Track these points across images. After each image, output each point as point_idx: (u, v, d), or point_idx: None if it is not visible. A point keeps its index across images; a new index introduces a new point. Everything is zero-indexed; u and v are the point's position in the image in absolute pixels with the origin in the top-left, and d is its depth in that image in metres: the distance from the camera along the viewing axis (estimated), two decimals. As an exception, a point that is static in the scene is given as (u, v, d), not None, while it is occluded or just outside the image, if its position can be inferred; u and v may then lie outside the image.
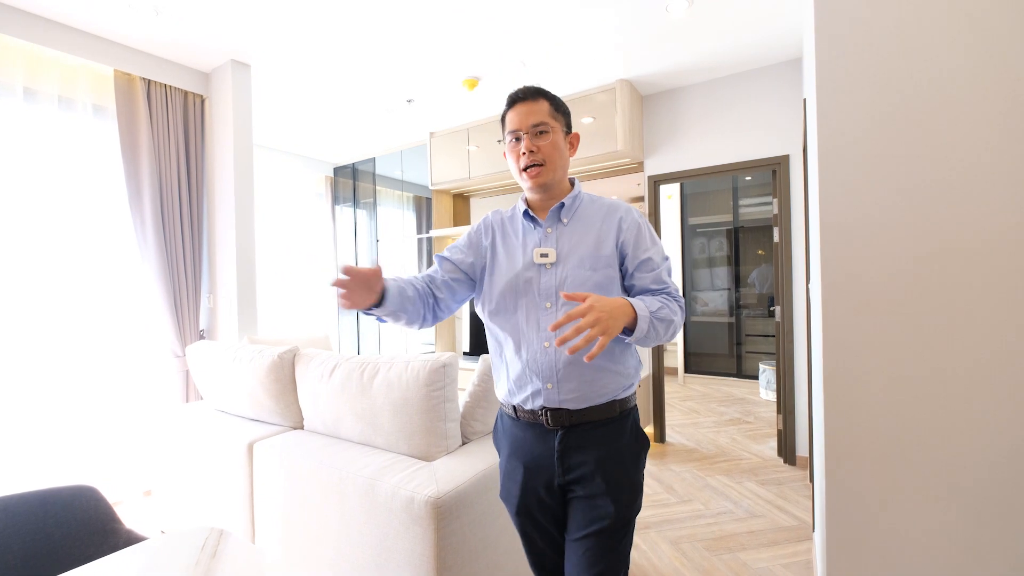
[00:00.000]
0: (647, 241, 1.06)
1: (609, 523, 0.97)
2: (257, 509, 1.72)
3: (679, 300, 1.03)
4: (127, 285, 2.62)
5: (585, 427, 1.02)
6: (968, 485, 1.04)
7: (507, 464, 1.11)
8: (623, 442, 1.03)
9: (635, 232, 1.06)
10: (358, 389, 1.63)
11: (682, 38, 2.57)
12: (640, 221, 1.08)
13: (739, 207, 5.17)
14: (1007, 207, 1.01)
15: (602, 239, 1.06)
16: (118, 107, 2.48)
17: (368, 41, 2.53)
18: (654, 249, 1.06)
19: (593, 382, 1.01)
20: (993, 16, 1.01)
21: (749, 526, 2.18)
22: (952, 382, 1.05)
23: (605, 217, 1.08)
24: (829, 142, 1.17)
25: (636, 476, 1.04)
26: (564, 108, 1.11)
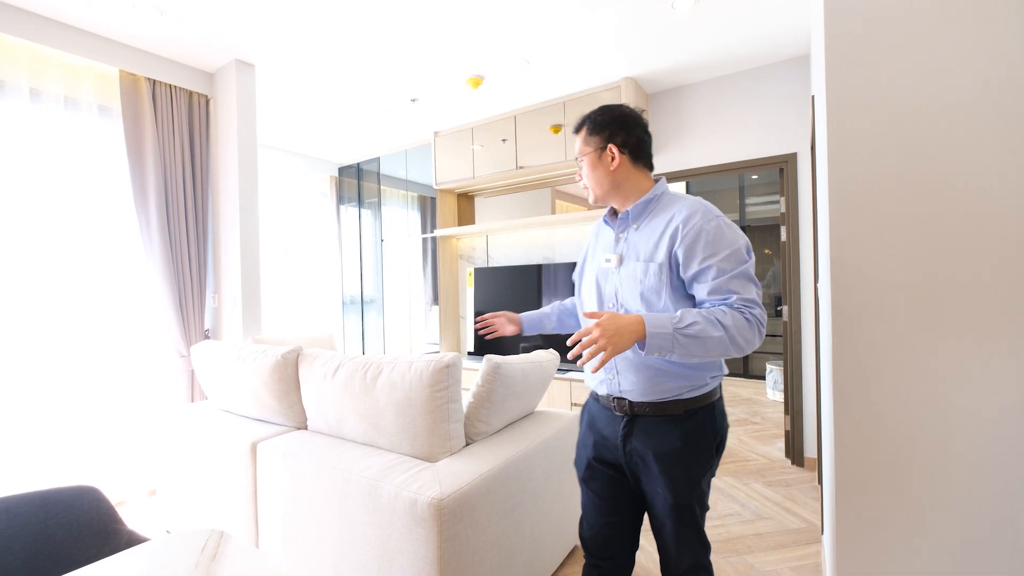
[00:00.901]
0: (704, 250, 1.01)
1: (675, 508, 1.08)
2: (261, 509, 1.72)
3: (744, 311, 0.96)
4: (132, 285, 2.62)
5: (648, 419, 1.10)
6: (981, 487, 1.01)
7: (583, 435, 1.26)
8: (684, 438, 1.07)
9: (691, 240, 1.03)
10: (361, 389, 1.62)
11: (687, 35, 2.54)
12: (703, 227, 1.03)
13: (746, 206, 5.13)
14: (1019, 202, 0.98)
15: (658, 248, 1.08)
16: (123, 107, 2.49)
17: (372, 40, 2.52)
18: (715, 258, 1.01)
19: (653, 379, 1.08)
20: (1007, 10, 0.98)
21: (756, 528, 2.15)
22: (965, 383, 1.02)
23: (668, 223, 1.08)
24: (838, 139, 1.14)
25: (699, 472, 1.09)
26: (599, 125, 1.17)
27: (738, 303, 0.98)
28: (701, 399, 1.09)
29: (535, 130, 3.43)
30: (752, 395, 4.55)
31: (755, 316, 0.97)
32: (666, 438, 1.08)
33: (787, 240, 2.89)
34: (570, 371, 3.37)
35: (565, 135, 3.30)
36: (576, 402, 3.26)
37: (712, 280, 1.00)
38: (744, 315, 0.96)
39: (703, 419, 1.09)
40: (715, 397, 1.13)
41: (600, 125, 1.17)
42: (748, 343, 0.97)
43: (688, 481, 1.08)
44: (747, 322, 0.96)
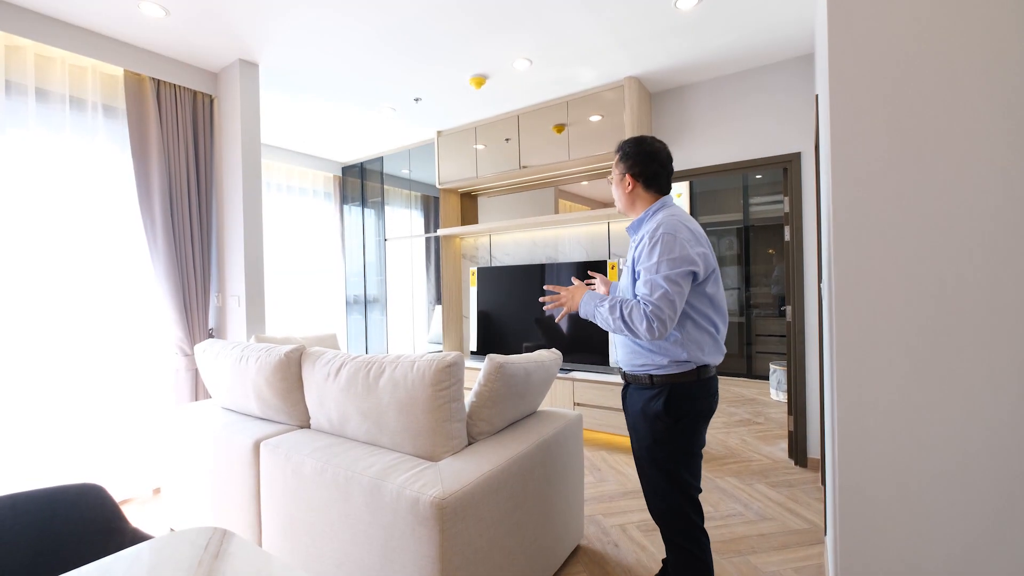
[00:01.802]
0: (644, 258, 1.34)
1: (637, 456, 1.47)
2: (264, 507, 1.73)
3: (640, 307, 1.29)
4: (137, 284, 2.64)
5: (631, 385, 1.48)
6: (985, 489, 1.00)
7: None
8: (651, 406, 1.39)
9: (643, 250, 1.35)
10: (364, 388, 1.62)
11: (691, 34, 2.53)
12: (652, 240, 1.33)
13: (749, 205, 5.11)
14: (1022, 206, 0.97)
15: (633, 250, 1.43)
16: (128, 107, 2.50)
17: (376, 40, 2.53)
18: (645, 265, 1.33)
19: (631, 356, 1.44)
20: (1012, 9, 0.98)
21: (759, 529, 2.15)
22: (969, 384, 1.02)
23: (645, 233, 1.38)
24: (842, 138, 1.14)
25: (647, 431, 1.41)
26: (626, 155, 1.49)
27: (641, 302, 1.31)
28: (667, 377, 1.37)
29: (538, 129, 3.43)
30: (756, 395, 4.54)
31: (647, 311, 1.28)
32: (635, 401, 1.45)
33: (791, 240, 2.88)
34: (573, 371, 3.37)
35: (568, 134, 3.29)
36: (579, 401, 3.26)
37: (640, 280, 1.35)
38: (640, 310, 1.29)
39: (664, 393, 1.37)
40: (683, 379, 1.37)
41: (626, 155, 1.49)
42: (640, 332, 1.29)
43: (639, 439, 1.44)
44: (643, 315, 1.28)
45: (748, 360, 5.11)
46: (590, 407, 3.19)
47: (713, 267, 1.38)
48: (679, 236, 1.30)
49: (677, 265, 1.28)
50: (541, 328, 3.63)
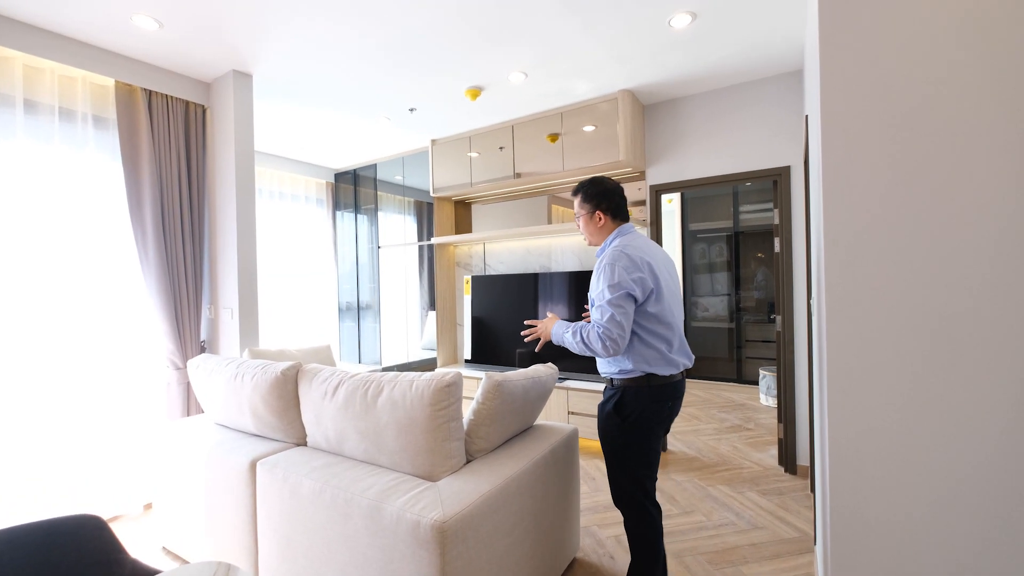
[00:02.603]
0: (593, 286, 1.59)
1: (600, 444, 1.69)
2: (260, 528, 1.72)
3: (595, 330, 1.51)
4: (128, 296, 2.61)
5: (606, 387, 1.69)
6: (975, 498, 1.04)
7: None
8: (607, 404, 1.64)
9: (595, 276, 1.59)
10: (362, 407, 1.63)
11: (684, 50, 2.57)
12: (599, 269, 1.57)
13: (739, 213, 5.18)
14: (1012, 222, 1.01)
15: None
16: (119, 118, 2.47)
17: (372, 52, 2.53)
18: (596, 291, 1.56)
19: (600, 365, 1.69)
20: (1001, 28, 1.01)
21: (751, 538, 2.19)
22: (960, 397, 1.05)
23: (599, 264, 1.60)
24: (833, 157, 1.17)
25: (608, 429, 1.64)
26: (590, 194, 1.71)
27: (595, 326, 1.52)
28: (621, 382, 1.61)
29: (532, 139, 3.45)
30: (745, 400, 4.60)
31: (600, 332, 1.50)
32: (602, 399, 1.69)
33: (781, 251, 2.93)
34: (567, 380, 3.39)
35: (562, 144, 3.32)
36: (573, 411, 3.28)
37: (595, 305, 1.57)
38: (595, 330, 1.51)
39: (617, 395, 1.61)
40: (636, 385, 1.58)
41: (591, 196, 1.70)
42: (599, 350, 1.51)
43: (600, 428, 1.68)
44: (597, 336, 1.50)
45: (738, 365, 5.18)
46: (584, 416, 3.22)
47: (651, 288, 1.54)
48: (617, 265, 1.52)
49: (616, 290, 1.50)
50: (535, 336, 3.65)
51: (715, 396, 4.78)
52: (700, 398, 4.73)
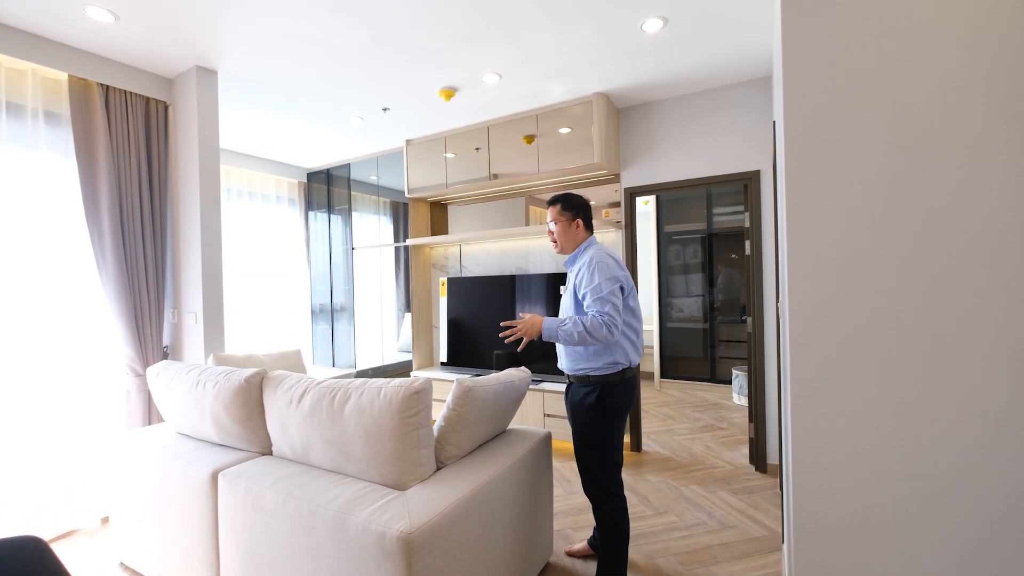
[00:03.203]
0: (587, 283, 1.74)
1: (575, 441, 1.86)
2: (222, 541, 1.66)
3: (598, 318, 1.66)
4: (85, 301, 2.49)
5: (575, 384, 1.86)
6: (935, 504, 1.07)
7: None
8: (587, 399, 1.79)
9: (581, 277, 1.77)
10: (328, 416, 1.59)
11: (657, 55, 2.59)
12: (588, 270, 1.75)
13: (713, 215, 5.27)
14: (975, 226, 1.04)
15: (574, 278, 1.83)
16: (73, 114, 2.36)
17: (341, 52, 2.47)
18: (588, 288, 1.72)
19: (574, 362, 1.82)
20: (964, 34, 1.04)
21: (722, 538, 2.22)
22: (920, 405, 1.08)
23: (581, 264, 1.81)
24: (795, 162, 1.19)
25: (590, 422, 1.79)
26: (571, 204, 1.90)
27: (591, 315, 1.68)
28: (602, 377, 1.77)
29: (508, 140, 3.44)
30: (719, 400, 4.68)
31: (604, 320, 1.65)
32: (575, 395, 1.84)
33: (751, 254, 2.99)
34: (543, 382, 3.39)
35: (538, 146, 3.31)
36: (549, 413, 3.29)
37: (587, 300, 1.72)
38: (598, 319, 1.65)
39: (598, 389, 1.77)
40: (614, 379, 1.77)
41: (571, 206, 1.90)
42: (601, 337, 1.65)
43: (578, 425, 1.83)
44: (601, 323, 1.64)
45: (712, 364, 5.27)
46: (561, 418, 3.22)
47: (631, 286, 1.81)
48: (606, 263, 1.74)
49: (612, 283, 1.71)
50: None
51: (690, 396, 4.85)
52: (675, 398, 4.79)
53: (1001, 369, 1.01)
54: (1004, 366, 1.01)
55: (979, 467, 1.03)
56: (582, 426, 1.80)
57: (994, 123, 1.01)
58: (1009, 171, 1.00)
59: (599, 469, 1.79)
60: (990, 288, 1.02)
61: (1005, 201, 1.00)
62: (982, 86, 1.02)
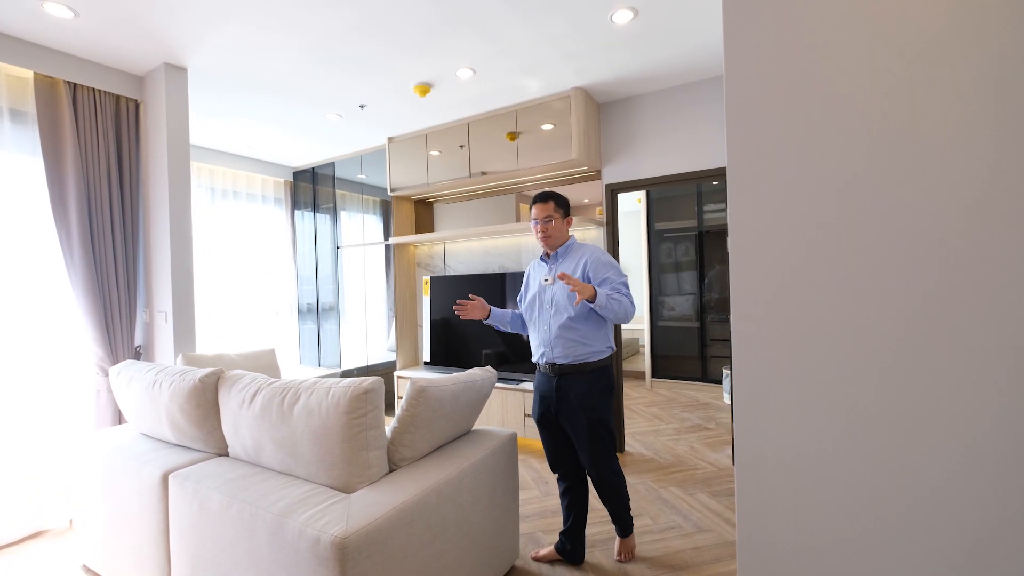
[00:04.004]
0: (603, 269, 1.91)
1: (590, 427, 1.89)
2: (173, 545, 1.63)
3: (629, 297, 1.86)
4: (55, 300, 2.47)
5: (569, 375, 1.92)
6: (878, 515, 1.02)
7: (535, 399, 2.04)
8: (597, 385, 1.91)
9: (594, 265, 1.93)
10: (278, 416, 1.55)
11: (631, 48, 2.54)
12: (600, 258, 1.95)
13: (703, 212, 5.20)
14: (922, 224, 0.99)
15: (575, 269, 1.95)
16: (39, 113, 2.34)
17: (312, 47, 2.44)
18: (610, 272, 1.91)
19: (571, 349, 1.91)
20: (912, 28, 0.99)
21: (695, 542, 2.17)
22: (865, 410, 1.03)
23: (580, 257, 1.97)
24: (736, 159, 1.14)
25: (600, 404, 1.91)
26: (562, 201, 2.03)
27: (625, 292, 1.86)
28: (599, 362, 1.92)
29: (491, 137, 3.39)
30: (710, 399, 4.62)
31: (631, 298, 1.86)
32: (581, 386, 1.90)
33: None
34: (523, 382, 3.34)
35: (521, 142, 3.26)
36: (529, 413, 3.24)
37: (610, 283, 1.88)
38: (628, 299, 1.85)
39: (601, 373, 1.92)
40: (607, 363, 1.95)
41: (563, 203, 2.03)
42: (630, 311, 1.85)
43: (593, 408, 1.89)
44: (629, 300, 1.85)
45: (703, 363, 5.20)
46: (540, 418, 3.17)
47: None
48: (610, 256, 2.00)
49: (623, 272, 1.96)
50: (500, 336, 3.59)
51: (680, 395, 4.79)
52: (665, 397, 4.73)
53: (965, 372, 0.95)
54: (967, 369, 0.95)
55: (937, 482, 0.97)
56: (597, 411, 1.89)
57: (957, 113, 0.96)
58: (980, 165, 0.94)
59: (607, 438, 1.93)
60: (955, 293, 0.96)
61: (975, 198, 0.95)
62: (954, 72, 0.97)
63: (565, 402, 1.90)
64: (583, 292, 1.73)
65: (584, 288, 1.73)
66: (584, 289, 1.73)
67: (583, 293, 1.73)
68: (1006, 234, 0.95)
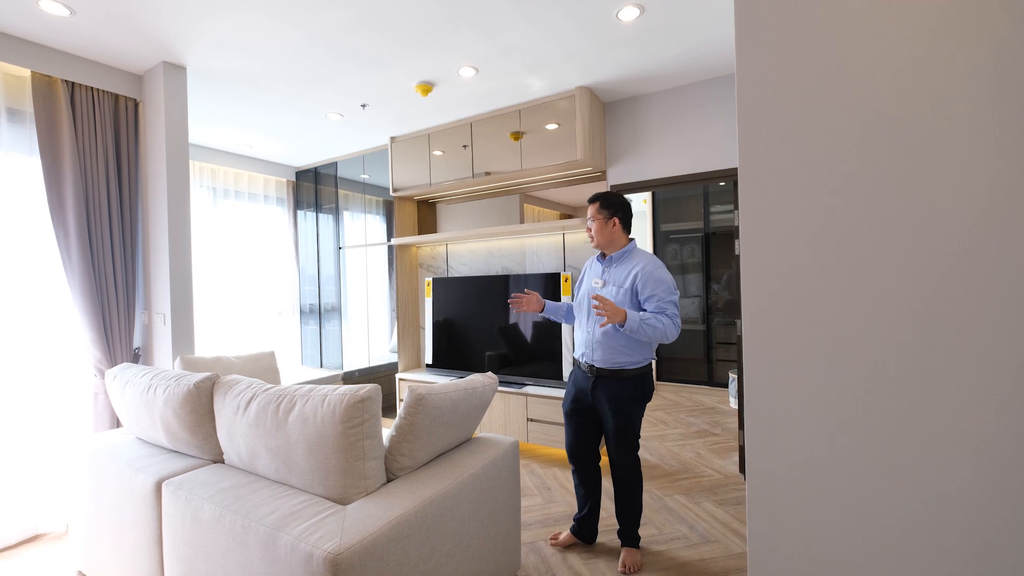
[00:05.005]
0: (652, 285, 1.89)
1: (618, 430, 1.97)
2: (166, 555, 1.59)
3: (672, 318, 1.85)
4: (54, 301, 2.45)
5: (605, 378, 1.97)
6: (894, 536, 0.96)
7: (568, 388, 2.14)
8: (626, 392, 1.95)
9: (643, 279, 1.91)
10: (273, 424, 1.51)
11: (636, 46, 2.48)
12: (652, 272, 1.91)
13: (710, 213, 5.13)
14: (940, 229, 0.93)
15: (626, 278, 1.96)
16: (36, 112, 2.31)
17: (311, 46, 2.39)
18: (659, 289, 1.88)
19: (611, 356, 1.95)
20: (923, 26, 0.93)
21: (701, 553, 2.11)
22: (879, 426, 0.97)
23: (632, 266, 1.96)
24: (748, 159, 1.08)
25: (636, 412, 1.98)
26: (609, 202, 2.01)
27: (669, 312, 1.86)
28: (637, 370, 1.96)
29: (494, 137, 3.34)
30: (716, 403, 4.55)
31: (675, 319, 1.86)
32: (615, 390, 1.96)
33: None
34: (527, 386, 3.29)
35: (525, 142, 3.21)
36: (532, 417, 3.19)
37: (656, 301, 1.88)
38: (672, 319, 1.85)
39: (637, 382, 1.96)
40: (645, 371, 1.98)
41: (610, 205, 2.02)
42: (671, 334, 1.85)
43: (626, 415, 1.96)
44: (672, 322, 1.85)
45: (709, 367, 5.13)
46: (545, 423, 3.13)
47: None
48: (665, 270, 1.94)
49: (676, 290, 1.92)
50: (504, 338, 3.54)
51: (685, 399, 4.72)
52: (670, 401, 4.67)
53: (973, 384, 0.89)
54: (980, 383, 0.89)
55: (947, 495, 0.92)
56: (627, 417, 1.95)
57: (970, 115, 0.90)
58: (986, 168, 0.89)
59: (635, 440, 1.99)
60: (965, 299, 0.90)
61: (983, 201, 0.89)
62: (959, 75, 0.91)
63: (599, 404, 2.00)
64: (612, 317, 1.77)
65: (614, 314, 1.77)
66: (614, 314, 1.77)
67: (612, 318, 1.77)
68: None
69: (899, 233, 0.95)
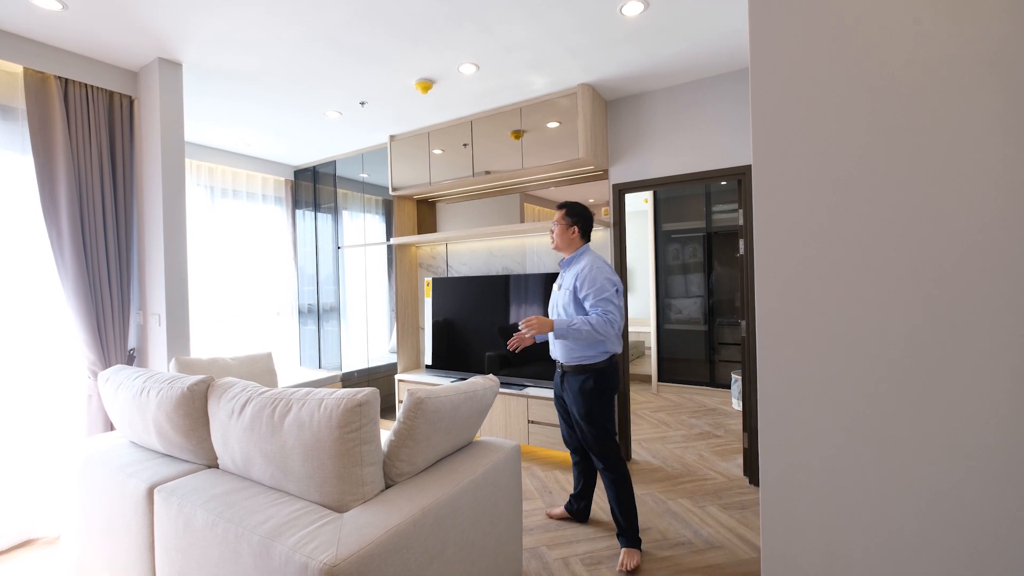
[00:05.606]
0: (587, 286, 2.04)
1: (580, 421, 2.12)
2: (158, 563, 1.55)
3: (602, 315, 1.97)
4: (47, 302, 2.40)
5: (569, 373, 2.14)
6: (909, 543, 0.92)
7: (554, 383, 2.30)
8: (586, 385, 2.08)
9: (581, 280, 2.07)
10: (268, 429, 1.47)
11: (640, 42, 2.44)
12: (588, 273, 2.06)
13: (712, 213, 5.09)
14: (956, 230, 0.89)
15: (572, 280, 2.11)
16: (28, 108, 2.27)
17: (309, 42, 2.35)
18: (591, 290, 2.02)
19: (569, 353, 2.11)
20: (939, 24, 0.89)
21: (707, 559, 2.07)
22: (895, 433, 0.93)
23: (578, 269, 2.11)
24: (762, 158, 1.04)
25: (591, 404, 2.07)
26: (573, 211, 2.20)
27: (600, 313, 1.98)
28: (594, 365, 2.08)
29: (495, 135, 3.30)
30: (718, 404, 4.51)
31: (605, 316, 1.97)
32: (575, 383, 2.11)
33: (745, 253, 2.82)
34: (527, 387, 3.25)
35: (526, 140, 3.17)
36: (533, 419, 3.15)
37: (591, 299, 2.03)
38: (603, 318, 1.97)
39: (596, 375, 2.08)
40: (604, 365, 2.09)
41: (574, 214, 2.20)
42: (603, 331, 1.97)
43: (584, 406, 2.08)
44: (606, 321, 1.96)
45: (711, 368, 5.09)
46: (545, 425, 3.09)
47: (621, 288, 2.11)
48: (605, 269, 2.08)
49: (612, 286, 2.04)
50: (504, 339, 3.49)
51: (687, 400, 4.68)
52: (672, 402, 4.62)
53: (991, 385, 0.85)
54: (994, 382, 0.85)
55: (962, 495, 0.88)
56: (583, 407, 2.08)
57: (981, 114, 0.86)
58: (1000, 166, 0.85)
59: (606, 439, 2.09)
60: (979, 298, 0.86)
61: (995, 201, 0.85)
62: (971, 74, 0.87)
63: (566, 396, 2.17)
64: (541, 330, 2.02)
65: (541, 326, 2.02)
66: (541, 327, 2.02)
67: (541, 330, 2.03)
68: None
69: (917, 232, 0.91)
